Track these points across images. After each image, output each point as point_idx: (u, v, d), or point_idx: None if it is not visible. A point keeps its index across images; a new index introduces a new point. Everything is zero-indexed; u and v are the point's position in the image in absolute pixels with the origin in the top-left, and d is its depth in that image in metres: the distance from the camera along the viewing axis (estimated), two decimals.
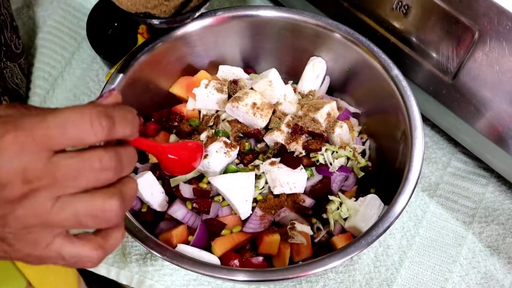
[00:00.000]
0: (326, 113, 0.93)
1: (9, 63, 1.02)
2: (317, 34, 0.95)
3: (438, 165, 1.03)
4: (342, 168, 0.92)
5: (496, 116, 0.84)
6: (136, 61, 0.90)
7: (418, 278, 0.93)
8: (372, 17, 0.93)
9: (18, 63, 1.08)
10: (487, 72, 0.80)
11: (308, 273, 0.74)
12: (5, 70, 1.01)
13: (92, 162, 0.50)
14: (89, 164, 0.50)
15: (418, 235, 0.96)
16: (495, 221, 0.97)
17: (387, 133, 0.93)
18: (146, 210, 0.90)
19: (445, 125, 0.97)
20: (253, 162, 0.92)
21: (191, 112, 0.98)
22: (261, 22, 0.96)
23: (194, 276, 0.93)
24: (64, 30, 1.19)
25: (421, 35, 0.87)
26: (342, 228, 0.88)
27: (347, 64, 0.97)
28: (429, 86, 0.91)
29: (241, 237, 0.86)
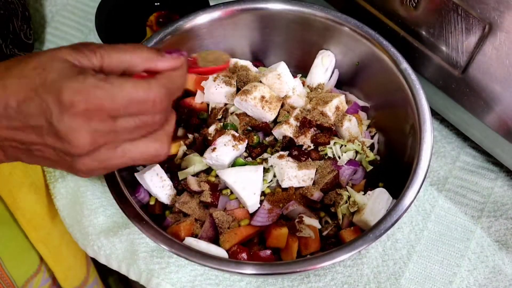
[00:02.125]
0: (335, 106, 0.93)
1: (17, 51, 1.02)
2: (326, 28, 0.95)
3: (447, 159, 1.02)
4: (350, 162, 0.92)
5: (506, 110, 0.83)
6: None
7: (426, 272, 0.93)
8: (382, 10, 0.93)
9: None
10: (497, 66, 0.79)
11: (316, 266, 0.74)
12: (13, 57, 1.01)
13: (147, 122, 0.59)
14: (145, 123, 0.59)
15: (426, 229, 0.96)
16: (504, 215, 0.96)
17: (395, 127, 0.93)
18: (154, 203, 0.90)
19: (454, 119, 0.97)
20: (262, 156, 0.92)
21: (199, 105, 0.98)
22: (270, 15, 0.96)
23: (200, 271, 0.94)
24: (70, 23, 1.20)
25: (430, 29, 0.86)
26: (350, 222, 0.88)
27: (356, 58, 0.96)
28: (439, 80, 0.91)
29: (249, 230, 0.86)
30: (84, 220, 0.98)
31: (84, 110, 0.54)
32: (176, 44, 0.94)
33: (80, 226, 0.99)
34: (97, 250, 0.97)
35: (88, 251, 0.99)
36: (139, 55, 0.61)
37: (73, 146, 0.56)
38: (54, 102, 0.54)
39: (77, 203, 1.00)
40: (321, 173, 0.90)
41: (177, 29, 0.93)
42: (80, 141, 0.56)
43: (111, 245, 0.97)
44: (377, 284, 0.91)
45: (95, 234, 0.98)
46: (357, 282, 0.92)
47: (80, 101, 0.54)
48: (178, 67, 0.62)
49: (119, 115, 0.57)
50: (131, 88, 0.56)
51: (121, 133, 0.58)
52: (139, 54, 0.61)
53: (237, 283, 0.93)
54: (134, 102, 0.56)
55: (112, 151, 0.59)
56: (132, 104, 0.56)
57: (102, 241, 0.97)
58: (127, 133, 0.59)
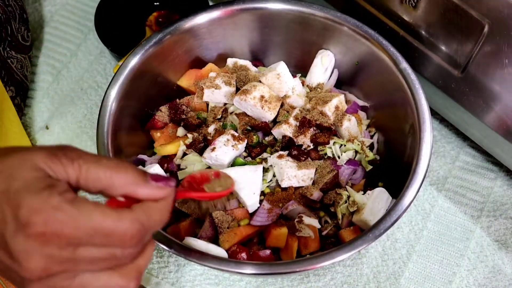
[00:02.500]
0: (334, 106, 0.93)
1: (14, 53, 1.02)
2: (325, 27, 0.95)
3: (447, 159, 1.02)
4: (350, 162, 0.92)
5: (505, 110, 0.83)
6: (144, 53, 0.90)
7: (425, 272, 0.93)
8: (381, 10, 0.93)
9: (29, 56, 1.09)
10: (496, 66, 0.79)
11: (316, 266, 0.74)
12: (10, 60, 1.01)
13: (114, 254, 0.52)
14: (112, 255, 0.52)
15: (426, 229, 0.96)
16: (503, 215, 0.96)
17: (395, 127, 0.93)
18: None
19: (454, 118, 0.97)
20: (261, 155, 0.92)
21: (199, 104, 0.98)
22: (269, 15, 0.95)
23: (200, 271, 0.94)
24: (70, 23, 1.20)
25: (430, 28, 0.86)
26: (350, 222, 0.88)
27: (355, 57, 0.96)
28: (438, 80, 0.91)
29: (249, 230, 0.86)
30: None
31: (39, 234, 0.48)
32: (176, 44, 0.94)
33: None
34: None
35: None
36: (120, 177, 0.53)
37: (23, 268, 0.50)
38: (11, 216, 0.49)
39: None
40: (321, 172, 0.90)
41: (177, 28, 0.92)
42: (31, 265, 0.49)
43: None
44: (377, 284, 0.91)
45: None
46: (356, 281, 0.92)
47: (37, 223, 0.48)
48: (162, 198, 0.56)
49: (81, 244, 0.50)
50: (98, 217, 0.50)
51: (81, 262, 0.51)
52: (121, 176, 0.53)
53: (237, 282, 0.93)
54: (99, 234, 0.50)
55: (68, 281, 0.52)
56: (97, 235, 0.50)
57: None
58: (89, 263, 0.51)
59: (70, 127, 1.07)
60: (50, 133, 1.06)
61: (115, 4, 1.11)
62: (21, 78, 1.04)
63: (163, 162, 0.93)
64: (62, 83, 1.12)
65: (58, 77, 1.13)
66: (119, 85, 0.88)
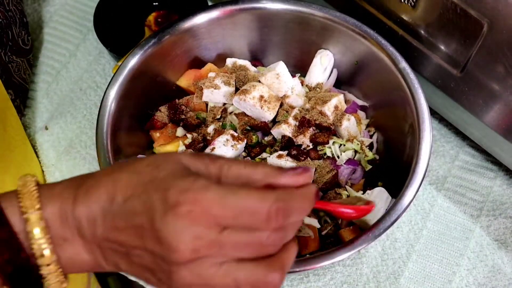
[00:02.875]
0: (334, 106, 0.93)
1: (15, 57, 1.02)
2: (324, 27, 0.95)
3: (446, 158, 1.02)
4: (349, 161, 0.92)
5: (505, 109, 0.83)
6: (143, 53, 0.90)
7: (425, 271, 0.93)
8: (380, 9, 0.93)
9: (27, 59, 1.09)
10: (495, 65, 0.79)
11: (315, 266, 0.74)
12: (11, 64, 1.01)
13: (260, 240, 0.52)
14: (257, 241, 0.52)
15: (425, 228, 0.96)
16: (503, 214, 0.96)
17: (394, 126, 0.93)
18: None
19: (453, 118, 0.97)
20: (261, 155, 0.92)
21: (198, 104, 0.98)
22: (268, 15, 0.95)
23: None
24: (69, 23, 1.19)
25: (429, 28, 0.86)
26: (350, 221, 0.88)
27: (354, 57, 0.96)
28: (437, 79, 0.91)
29: None
30: None
31: (188, 211, 0.49)
32: (175, 44, 0.94)
33: None
34: None
35: None
36: (260, 171, 0.55)
37: (172, 250, 0.50)
38: (159, 200, 0.51)
39: None
40: (320, 172, 0.90)
41: (176, 29, 0.92)
42: (181, 246, 0.50)
43: None
44: (377, 284, 0.91)
45: None
46: (356, 281, 0.92)
47: (186, 201, 0.50)
48: (304, 185, 0.56)
49: (227, 225, 0.51)
50: (245, 195, 0.51)
51: (228, 247, 0.51)
52: (260, 170, 0.55)
53: None
54: (245, 212, 0.51)
55: (214, 268, 0.52)
56: (243, 214, 0.51)
57: None
58: (234, 249, 0.52)
59: (69, 127, 1.07)
60: (50, 134, 1.06)
61: (114, 4, 1.11)
62: (19, 81, 1.04)
63: None
64: (61, 83, 1.12)
65: (57, 77, 1.13)
66: (118, 85, 0.88)
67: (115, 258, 0.55)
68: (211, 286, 0.53)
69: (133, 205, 0.52)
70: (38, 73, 1.13)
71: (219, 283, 0.52)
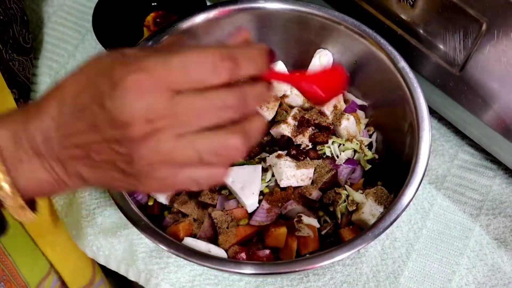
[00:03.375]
0: (333, 105, 0.93)
1: (15, 55, 1.02)
2: (323, 26, 0.95)
3: (445, 157, 1.02)
4: (349, 161, 0.92)
5: (504, 108, 0.84)
6: None
7: (425, 271, 0.93)
8: (379, 9, 0.93)
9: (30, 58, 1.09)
10: (494, 64, 0.79)
11: (315, 266, 0.74)
12: (12, 62, 1.01)
13: (215, 101, 0.50)
14: (212, 103, 0.50)
15: (425, 228, 0.96)
16: (502, 213, 0.96)
17: (394, 126, 0.93)
18: (152, 203, 0.90)
19: (452, 117, 0.97)
20: (260, 155, 0.92)
21: None
22: (267, 15, 0.95)
23: (199, 271, 0.94)
24: (67, 24, 1.19)
25: (428, 27, 0.86)
26: (349, 221, 0.88)
27: (353, 57, 0.96)
28: (436, 78, 0.91)
29: (248, 230, 0.86)
30: (83, 221, 0.98)
31: (135, 80, 0.48)
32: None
33: (79, 227, 0.99)
34: (96, 250, 0.97)
35: (87, 252, 0.99)
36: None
37: (126, 125, 0.49)
38: (105, 82, 0.49)
39: (76, 204, 1.00)
40: (320, 172, 0.90)
41: (174, 29, 0.92)
42: (133, 119, 0.48)
43: (110, 246, 0.97)
44: (376, 283, 0.91)
45: (94, 235, 0.98)
46: (356, 281, 0.92)
47: (130, 71, 0.48)
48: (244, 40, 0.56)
49: (179, 87, 0.49)
50: (187, 52, 0.50)
51: (183, 115, 0.50)
52: None
53: (236, 282, 0.93)
54: (191, 64, 0.49)
55: (172, 141, 0.50)
56: (189, 69, 0.49)
57: (101, 242, 0.97)
58: (191, 115, 0.50)
59: None
60: None
61: (113, 4, 1.11)
62: (23, 80, 1.04)
63: None
64: None
65: (57, 78, 1.13)
66: None
67: (76, 166, 0.54)
68: (173, 160, 0.51)
69: (81, 100, 0.51)
70: (37, 74, 1.13)
71: (180, 156, 0.51)
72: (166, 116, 0.49)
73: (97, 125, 0.50)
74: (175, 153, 0.51)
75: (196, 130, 0.51)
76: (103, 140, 0.51)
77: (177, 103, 0.49)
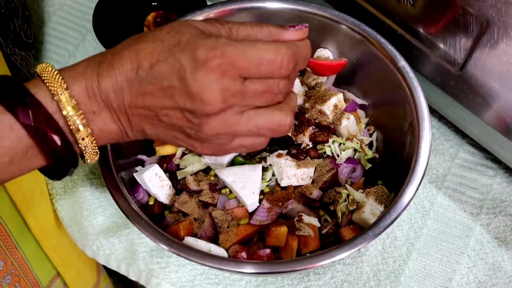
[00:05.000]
0: (333, 105, 0.93)
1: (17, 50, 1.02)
2: (323, 26, 0.95)
3: (446, 156, 1.02)
4: (349, 160, 0.92)
5: (504, 107, 0.84)
6: None
7: (425, 270, 0.93)
8: (379, 8, 0.93)
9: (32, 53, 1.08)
10: (495, 63, 0.79)
11: (316, 265, 0.74)
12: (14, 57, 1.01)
13: (273, 88, 0.61)
14: (271, 88, 0.61)
15: (425, 227, 0.96)
16: (503, 212, 0.96)
17: (394, 125, 0.93)
18: (153, 203, 0.90)
19: (453, 116, 0.97)
20: (260, 154, 0.92)
21: None
22: (267, 14, 0.95)
23: (200, 270, 0.94)
24: (68, 24, 1.19)
25: (428, 26, 0.86)
26: (350, 220, 0.88)
27: (354, 56, 0.96)
28: (436, 78, 0.91)
29: (249, 229, 0.86)
30: (83, 220, 0.98)
31: (218, 65, 0.56)
32: None
33: (79, 227, 0.99)
34: (96, 250, 0.97)
35: (87, 252, 0.99)
36: (265, 30, 0.63)
37: (205, 102, 0.57)
38: (188, 60, 0.57)
39: (76, 203, 1.00)
40: (320, 171, 0.90)
41: None
42: (213, 98, 0.57)
43: (111, 245, 0.97)
44: (377, 282, 0.91)
45: (94, 234, 0.98)
46: (357, 280, 0.92)
47: (215, 56, 0.56)
48: (302, 38, 0.65)
49: (249, 75, 0.59)
50: (262, 47, 0.58)
51: (249, 96, 0.60)
52: (265, 29, 0.63)
53: (237, 282, 0.93)
54: (264, 62, 0.58)
55: (238, 116, 0.60)
56: (262, 64, 0.58)
57: (101, 241, 0.97)
58: (254, 97, 0.60)
59: None
60: None
61: (113, 4, 1.11)
62: (27, 76, 1.04)
63: (163, 162, 0.93)
64: None
65: None
66: None
67: (141, 123, 0.62)
68: (237, 132, 0.62)
69: (160, 69, 0.58)
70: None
71: (242, 129, 0.62)
72: (236, 96, 0.59)
73: (173, 94, 0.58)
74: (238, 126, 0.61)
75: (255, 107, 0.62)
76: (176, 107, 0.59)
77: (246, 87, 0.59)
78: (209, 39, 0.58)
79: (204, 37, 0.58)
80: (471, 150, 1.03)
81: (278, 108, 0.63)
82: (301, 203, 0.88)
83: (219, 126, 0.60)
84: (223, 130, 0.61)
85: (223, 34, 0.62)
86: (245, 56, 0.57)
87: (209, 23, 0.62)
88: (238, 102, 0.59)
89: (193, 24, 0.61)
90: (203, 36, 0.59)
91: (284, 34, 0.64)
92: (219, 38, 0.58)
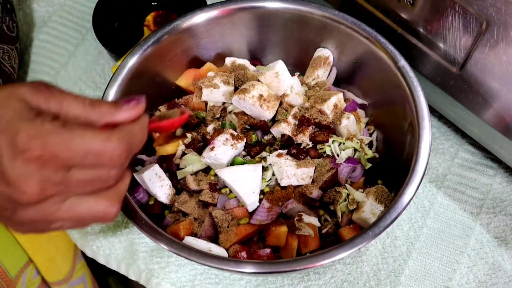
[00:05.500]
0: (333, 104, 0.93)
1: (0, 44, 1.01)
2: (323, 25, 0.95)
3: (446, 156, 1.02)
4: (349, 160, 0.92)
5: (504, 106, 0.84)
6: (142, 53, 0.90)
7: (425, 269, 0.93)
8: (379, 7, 0.93)
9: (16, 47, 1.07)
10: (494, 63, 0.79)
11: (316, 264, 0.74)
12: None
13: (102, 176, 0.56)
14: (99, 176, 0.56)
15: (425, 226, 0.96)
16: (503, 212, 0.97)
17: (394, 124, 0.93)
18: (153, 202, 0.90)
19: (453, 116, 0.97)
20: (260, 154, 0.92)
21: (197, 104, 0.98)
22: (267, 14, 0.95)
23: (200, 270, 0.94)
24: (68, 24, 1.19)
25: (428, 26, 0.86)
26: (350, 220, 0.88)
27: (354, 55, 0.96)
28: (436, 77, 0.91)
29: (249, 229, 0.86)
30: None
31: (38, 157, 0.51)
32: (174, 43, 0.94)
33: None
34: (96, 250, 0.97)
35: (87, 251, 0.99)
36: (97, 110, 0.57)
37: (21, 193, 0.53)
38: (7, 145, 0.52)
39: None
40: (320, 171, 0.90)
41: (175, 28, 0.92)
42: (29, 189, 0.53)
43: (110, 245, 0.97)
44: (377, 281, 0.91)
45: (94, 234, 0.98)
46: (357, 279, 0.92)
47: (36, 147, 0.51)
48: (138, 119, 0.60)
49: (74, 166, 0.54)
50: (90, 138, 0.54)
51: (73, 185, 0.55)
52: (97, 110, 0.57)
53: (237, 282, 0.93)
54: (91, 153, 0.54)
55: (58, 205, 0.56)
56: (89, 155, 0.54)
57: (101, 241, 0.97)
58: (79, 186, 0.56)
59: None
60: None
61: (113, 4, 1.11)
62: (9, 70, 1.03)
63: (162, 162, 0.93)
64: (61, 84, 1.12)
65: (57, 77, 1.13)
66: (117, 85, 0.88)
67: None
68: (56, 219, 0.57)
69: None
70: (37, 74, 1.13)
71: (63, 216, 0.57)
72: (58, 186, 0.54)
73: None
74: (59, 214, 0.57)
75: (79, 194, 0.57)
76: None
77: (70, 176, 0.54)
78: (33, 123, 0.52)
79: (29, 118, 0.52)
80: (471, 149, 1.03)
81: (104, 197, 0.59)
82: (301, 203, 0.88)
83: (35, 215, 0.55)
84: (40, 218, 0.56)
85: (52, 107, 0.55)
86: (69, 147, 0.52)
87: (40, 94, 0.55)
88: (61, 191, 0.55)
89: (20, 95, 0.54)
90: (27, 116, 0.52)
91: (117, 115, 0.58)
92: (44, 123, 0.52)
